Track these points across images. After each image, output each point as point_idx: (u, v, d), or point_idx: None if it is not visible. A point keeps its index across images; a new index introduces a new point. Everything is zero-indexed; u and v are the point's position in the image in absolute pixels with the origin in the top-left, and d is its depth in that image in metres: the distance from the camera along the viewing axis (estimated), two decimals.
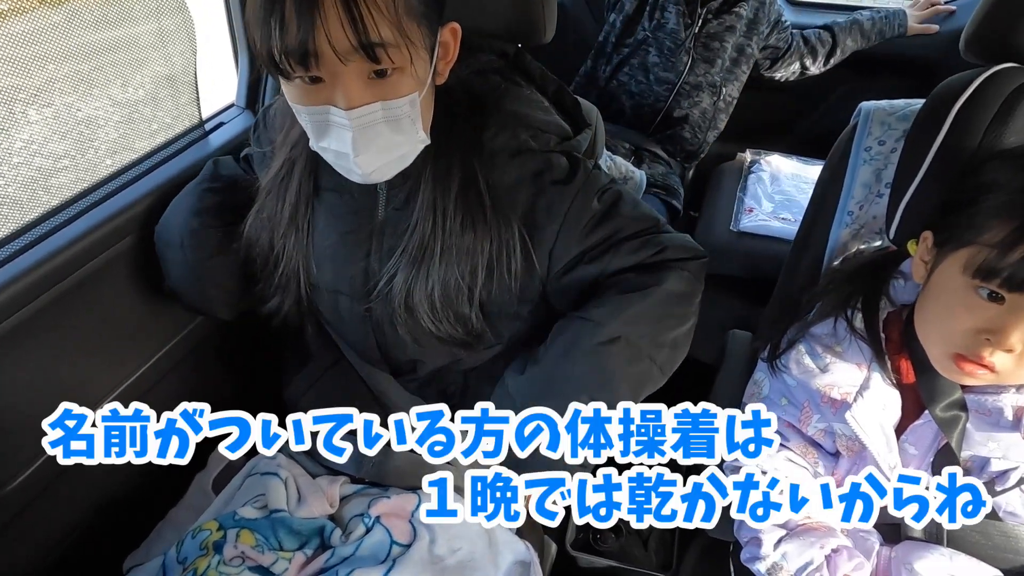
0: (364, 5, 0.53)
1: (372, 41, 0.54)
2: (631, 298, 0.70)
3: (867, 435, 0.64)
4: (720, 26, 1.36)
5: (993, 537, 0.68)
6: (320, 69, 0.56)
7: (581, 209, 0.70)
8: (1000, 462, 0.64)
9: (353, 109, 0.57)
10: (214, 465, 0.86)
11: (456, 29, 0.65)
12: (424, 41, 0.59)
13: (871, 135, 0.77)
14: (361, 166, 0.62)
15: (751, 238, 1.26)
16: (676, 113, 1.40)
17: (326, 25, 0.53)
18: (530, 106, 0.72)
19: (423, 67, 0.60)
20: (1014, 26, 0.63)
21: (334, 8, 0.53)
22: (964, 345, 0.55)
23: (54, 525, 0.80)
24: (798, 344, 0.70)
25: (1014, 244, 0.51)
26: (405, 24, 0.56)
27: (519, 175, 0.69)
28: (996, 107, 0.61)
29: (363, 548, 0.69)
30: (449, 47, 0.65)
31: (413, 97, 0.60)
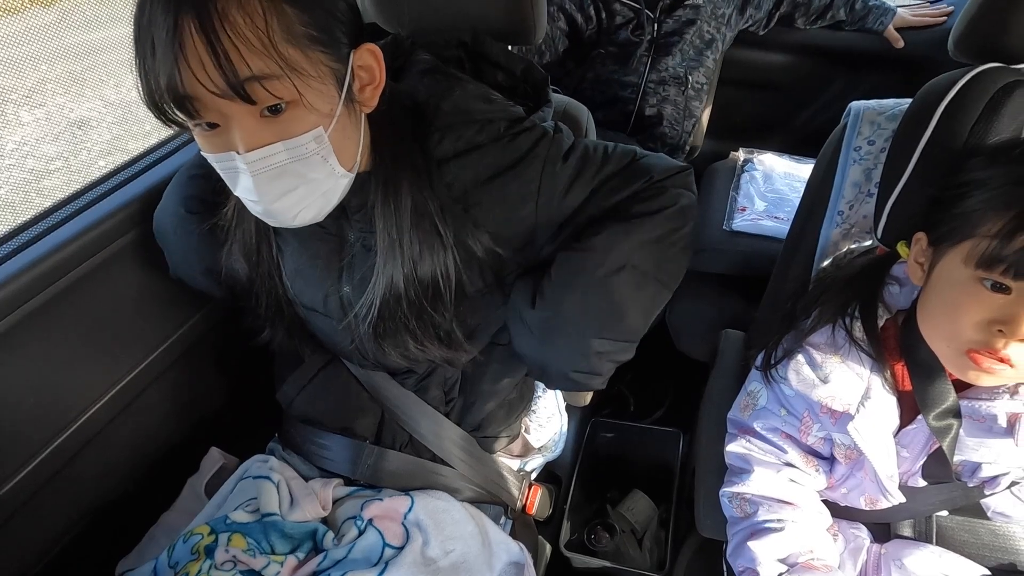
0: (228, 38, 0.48)
1: (242, 78, 0.49)
2: (631, 225, 0.67)
3: (868, 446, 0.64)
4: (676, 22, 1.34)
5: (982, 536, 0.68)
6: (206, 114, 0.52)
7: (552, 177, 0.67)
8: (991, 467, 0.64)
9: (251, 152, 0.53)
10: (207, 468, 0.86)
11: (375, 51, 0.59)
12: (320, 69, 0.54)
13: (860, 135, 0.78)
14: (274, 213, 0.58)
15: (744, 237, 1.26)
16: (648, 112, 1.39)
17: (191, 65, 0.48)
18: (471, 99, 0.68)
19: (322, 98, 0.54)
20: (1000, 27, 0.64)
21: (195, 45, 0.48)
22: (976, 339, 0.54)
23: (46, 529, 0.80)
24: (796, 354, 0.68)
25: (1015, 232, 0.51)
26: (286, 53, 0.51)
27: (474, 175, 0.66)
28: (981, 107, 0.62)
29: (355, 551, 0.69)
30: (373, 71, 0.60)
31: (318, 133, 0.55)
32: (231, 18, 0.48)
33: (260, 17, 0.49)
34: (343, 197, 0.63)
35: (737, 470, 0.74)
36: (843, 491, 0.72)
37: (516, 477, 0.87)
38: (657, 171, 0.69)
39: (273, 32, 0.50)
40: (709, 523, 0.80)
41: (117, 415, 0.84)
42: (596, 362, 0.70)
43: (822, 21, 1.49)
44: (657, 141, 1.43)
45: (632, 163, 0.70)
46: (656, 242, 0.67)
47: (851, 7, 1.46)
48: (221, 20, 0.48)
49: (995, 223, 0.53)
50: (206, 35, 0.48)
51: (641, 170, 0.69)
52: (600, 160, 0.69)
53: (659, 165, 0.70)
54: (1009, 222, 0.52)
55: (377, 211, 0.64)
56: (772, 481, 0.71)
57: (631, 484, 1.16)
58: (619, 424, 1.24)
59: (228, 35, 0.48)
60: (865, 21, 1.46)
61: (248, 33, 0.49)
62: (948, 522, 0.70)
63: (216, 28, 0.48)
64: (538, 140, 0.67)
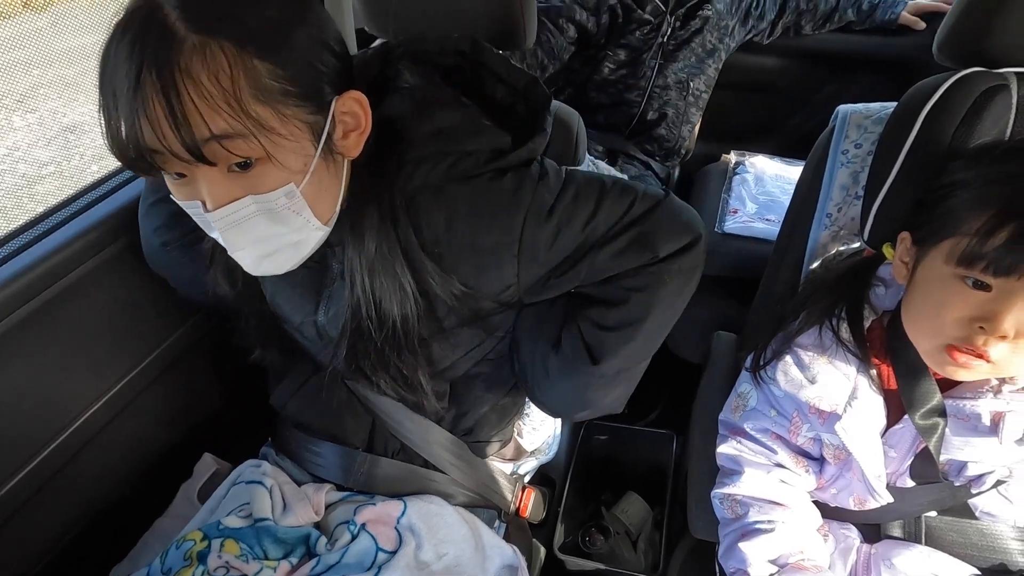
0: (189, 97, 0.45)
1: (200, 139, 0.47)
2: (629, 334, 0.65)
3: (856, 446, 0.65)
4: (687, 31, 1.35)
5: (970, 536, 0.69)
6: (170, 167, 0.50)
7: (535, 230, 0.61)
8: (977, 465, 0.65)
9: (218, 210, 0.51)
10: (200, 474, 0.86)
11: (360, 99, 0.56)
12: (294, 125, 0.51)
13: (848, 138, 0.79)
14: (244, 262, 0.57)
15: (736, 239, 1.27)
16: (650, 116, 1.40)
17: (150, 122, 0.46)
18: (453, 125, 0.61)
19: (295, 155, 0.52)
20: (982, 32, 0.64)
21: (154, 103, 0.46)
22: (956, 335, 0.55)
23: (39, 536, 0.80)
24: (784, 355, 0.69)
25: (993, 230, 0.52)
26: (253, 111, 0.48)
27: (446, 218, 0.61)
28: (964, 110, 0.62)
29: (348, 555, 0.69)
30: (359, 117, 0.56)
31: (289, 189, 0.52)
32: (194, 74, 0.46)
33: (226, 73, 0.46)
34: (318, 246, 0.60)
35: (728, 471, 0.75)
36: (833, 491, 0.72)
37: (509, 480, 0.87)
38: (663, 239, 0.62)
39: (240, 89, 0.47)
40: (701, 525, 0.81)
41: (110, 421, 0.84)
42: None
43: (830, 24, 1.47)
44: (654, 144, 1.44)
45: (631, 218, 0.62)
46: (657, 337, 0.69)
47: (858, 7, 1.45)
48: (183, 77, 0.45)
49: (975, 221, 0.53)
50: (165, 94, 0.45)
51: (644, 239, 0.62)
52: (593, 206, 0.62)
53: (666, 229, 0.63)
54: (988, 220, 0.52)
55: (346, 251, 0.61)
56: (763, 482, 0.71)
57: (625, 486, 1.16)
58: (613, 426, 1.25)
59: (189, 94, 0.46)
60: (874, 18, 1.45)
61: (212, 90, 0.46)
62: (937, 522, 0.71)
63: (176, 86, 0.45)
64: (522, 183, 0.61)
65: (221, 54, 0.46)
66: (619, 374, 0.69)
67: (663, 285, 0.64)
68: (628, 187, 0.64)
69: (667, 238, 0.63)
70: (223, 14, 0.47)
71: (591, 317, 0.67)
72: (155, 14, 0.46)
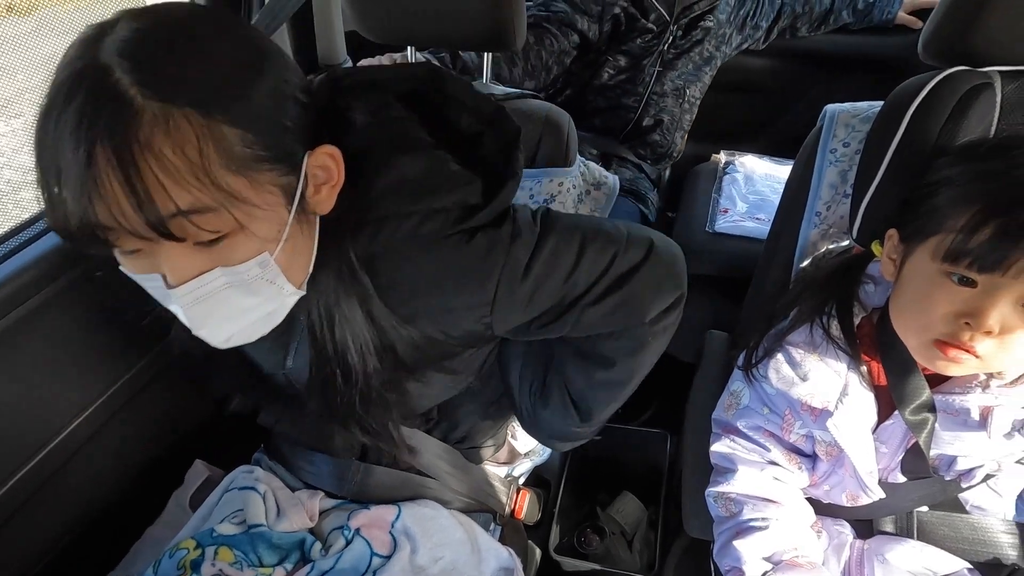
0: (152, 173, 0.40)
1: (166, 215, 0.42)
2: (615, 393, 0.68)
3: (847, 442, 0.65)
4: (688, 41, 1.36)
5: (961, 530, 0.69)
6: (126, 244, 0.45)
7: (510, 290, 0.57)
8: (966, 460, 0.65)
9: (185, 284, 0.46)
10: (191, 481, 0.86)
11: (333, 153, 0.51)
12: (267, 191, 0.46)
13: (836, 137, 0.79)
14: (210, 339, 0.52)
15: (726, 239, 1.28)
16: (646, 122, 1.41)
17: (108, 199, 0.41)
18: (417, 176, 0.55)
19: (269, 223, 0.47)
20: (966, 31, 0.65)
21: (110, 181, 0.40)
22: (943, 331, 0.56)
23: (29, 547, 0.79)
24: (776, 353, 0.70)
25: (978, 226, 0.53)
26: (224, 182, 0.43)
27: (413, 280, 0.57)
28: (949, 109, 0.63)
29: (343, 561, 0.68)
30: (331, 171, 0.51)
31: (263, 259, 0.48)
32: (156, 148, 0.40)
33: (193, 145, 0.41)
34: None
35: (722, 470, 0.75)
36: (826, 488, 0.73)
37: (504, 483, 0.87)
38: (647, 300, 0.61)
39: (209, 161, 0.42)
40: (696, 523, 0.81)
41: (99, 429, 0.83)
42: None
43: (826, 27, 1.48)
44: (647, 148, 1.45)
45: (613, 275, 0.59)
46: (636, 382, 0.70)
47: (854, 8, 1.46)
48: (143, 151, 0.40)
49: (960, 218, 0.54)
50: (124, 171, 0.40)
51: (628, 302, 0.60)
52: (573, 260, 0.58)
53: (651, 288, 0.60)
54: (973, 216, 0.53)
55: (308, 304, 0.57)
56: (756, 480, 0.71)
57: (620, 486, 1.16)
58: (607, 426, 1.24)
59: (152, 170, 0.40)
60: (871, 17, 1.46)
61: (178, 164, 0.41)
62: (928, 517, 0.71)
63: (137, 163, 0.40)
64: (494, 245, 0.56)
65: (186, 123, 0.41)
66: (603, 418, 0.73)
67: (648, 346, 0.64)
68: (612, 238, 0.60)
69: (654, 301, 0.61)
70: (182, 77, 0.42)
71: (577, 376, 0.69)
72: (105, 79, 0.40)
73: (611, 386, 0.68)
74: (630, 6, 1.32)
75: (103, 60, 0.41)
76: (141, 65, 0.41)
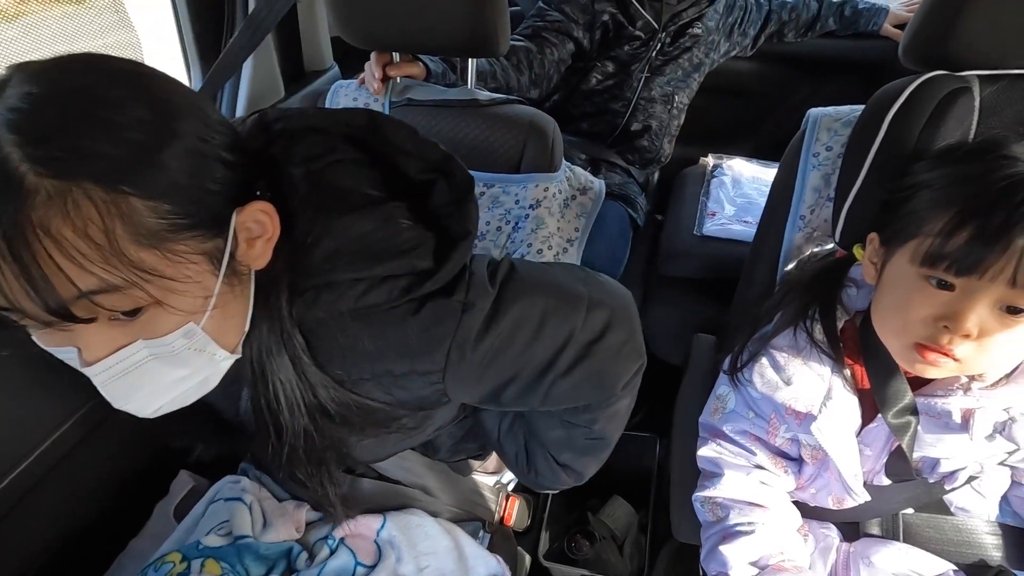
0: (48, 258, 0.37)
1: (68, 298, 0.38)
2: (600, 450, 0.71)
3: (831, 446, 0.65)
4: (677, 48, 1.37)
5: (946, 532, 0.70)
6: (32, 322, 0.41)
7: (462, 359, 0.53)
8: (949, 462, 0.65)
9: (101, 360, 0.42)
10: (176, 492, 0.85)
11: (267, 209, 0.46)
12: (186, 261, 0.42)
13: (819, 141, 0.80)
14: (138, 412, 0.48)
15: (714, 241, 1.28)
16: (634, 127, 1.42)
17: (4, 287, 0.38)
18: (362, 238, 0.50)
19: (190, 295, 0.43)
20: (945, 35, 0.66)
21: (2, 266, 0.37)
22: (922, 334, 0.56)
23: (9, 560, 0.78)
24: (760, 357, 0.70)
25: (954, 230, 0.53)
26: (135, 258, 0.39)
27: (353, 349, 0.52)
28: (928, 112, 0.64)
29: (327, 570, 0.68)
30: (265, 225, 0.47)
31: (188, 329, 0.44)
32: (53, 231, 0.36)
33: (97, 224, 0.37)
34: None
35: (709, 474, 0.75)
36: (812, 491, 0.73)
37: (492, 491, 0.87)
38: (616, 381, 0.61)
39: (116, 239, 0.38)
40: (684, 528, 0.81)
41: (82, 439, 0.82)
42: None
43: (812, 33, 1.50)
44: (635, 154, 1.46)
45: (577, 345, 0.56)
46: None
47: (840, 15, 1.48)
48: (38, 235, 0.36)
49: (938, 222, 0.54)
50: (17, 258, 0.36)
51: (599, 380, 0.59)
52: (532, 333, 0.55)
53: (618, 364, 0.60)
54: (950, 220, 0.53)
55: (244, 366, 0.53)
56: (742, 484, 0.71)
57: (611, 490, 1.16)
58: None
59: (49, 255, 0.36)
60: (857, 25, 1.48)
61: (79, 246, 0.37)
62: (914, 519, 0.71)
63: (31, 247, 0.36)
64: (443, 318, 0.52)
65: (87, 201, 0.37)
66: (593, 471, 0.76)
67: (620, 406, 0.67)
68: (574, 306, 0.57)
69: (620, 375, 0.61)
70: (80, 148, 0.37)
71: (561, 449, 0.71)
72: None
73: (595, 449, 0.72)
74: (618, 13, 1.33)
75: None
76: (32, 139, 0.36)
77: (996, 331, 0.53)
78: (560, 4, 1.32)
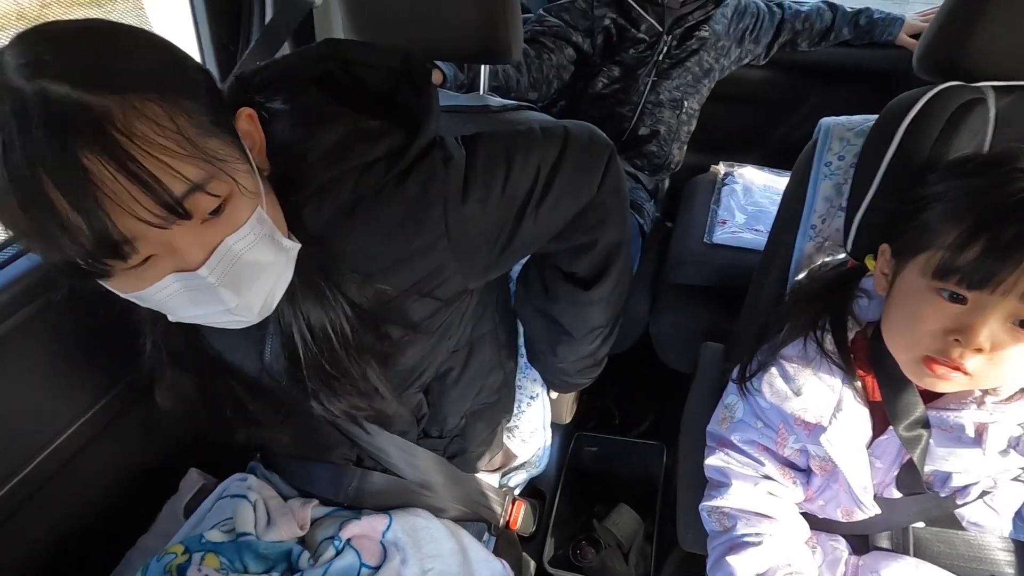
0: (151, 159, 0.41)
1: (180, 195, 0.43)
2: (615, 256, 0.75)
3: (841, 458, 0.64)
4: (684, 51, 1.37)
5: (957, 547, 0.69)
6: (144, 249, 0.45)
7: (457, 215, 0.60)
8: (962, 476, 0.64)
9: (204, 264, 0.47)
10: (186, 490, 0.86)
11: (250, 114, 0.54)
12: (233, 148, 0.48)
13: (831, 150, 0.79)
14: (245, 312, 0.52)
15: (724, 250, 1.27)
16: (641, 131, 1.42)
17: (121, 203, 0.41)
18: (339, 139, 0.57)
19: (248, 177, 0.49)
20: (959, 46, 0.65)
21: (116, 181, 0.40)
22: (933, 347, 0.55)
23: (21, 555, 0.79)
24: (770, 367, 0.69)
25: (966, 243, 0.52)
26: (207, 148, 0.45)
27: (365, 244, 0.59)
28: (942, 123, 0.63)
29: (332, 571, 0.68)
30: (253, 136, 0.54)
31: (259, 213, 0.50)
32: (140, 134, 0.41)
33: (167, 123, 0.42)
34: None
35: (716, 484, 0.75)
36: (820, 503, 0.72)
37: (498, 494, 0.87)
38: (590, 176, 0.67)
39: (186, 132, 0.43)
40: (691, 537, 0.80)
41: (94, 437, 0.83)
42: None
43: (826, 43, 1.48)
44: (644, 159, 1.46)
45: (547, 166, 0.64)
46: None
47: (855, 24, 1.46)
48: (133, 142, 0.40)
49: (950, 234, 0.54)
50: (121, 164, 0.40)
51: (574, 183, 0.66)
52: (505, 168, 0.62)
53: (584, 161, 0.66)
54: (962, 233, 0.53)
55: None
56: (750, 494, 0.71)
57: (616, 498, 1.16)
58: (603, 438, 1.24)
59: (148, 153, 0.41)
60: (872, 35, 1.46)
61: (165, 142, 0.42)
62: (924, 533, 0.71)
63: (132, 154, 0.40)
64: (430, 178, 0.59)
65: (150, 104, 0.42)
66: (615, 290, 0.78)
67: (612, 208, 0.71)
68: (530, 138, 0.65)
69: (592, 170, 0.67)
70: (119, 69, 0.42)
71: (569, 272, 0.75)
72: (46, 97, 0.39)
73: (611, 256, 0.75)
74: (619, 18, 1.33)
75: (28, 83, 0.39)
76: (75, 75, 0.40)
77: (1008, 345, 0.53)
78: (559, 12, 1.33)
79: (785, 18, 1.46)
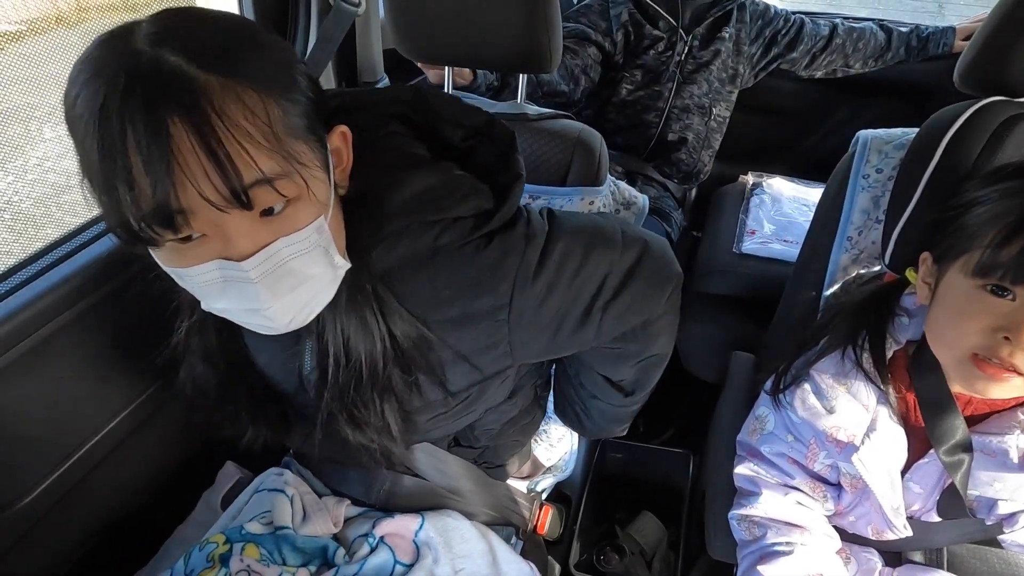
0: (233, 141, 0.42)
1: (248, 183, 0.43)
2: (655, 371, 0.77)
3: (872, 477, 0.64)
4: (707, 53, 1.37)
5: (993, 564, 0.68)
6: (197, 226, 0.45)
7: (524, 292, 0.58)
8: (1008, 504, 0.63)
9: (250, 258, 0.47)
10: (223, 482, 0.87)
11: (345, 132, 0.54)
12: (316, 156, 0.48)
13: (869, 163, 0.79)
14: (275, 317, 0.51)
15: (753, 260, 1.27)
16: (670, 137, 1.42)
17: (189, 175, 0.42)
18: (430, 189, 0.56)
19: (322, 187, 0.49)
20: (1003, 62, 0.65)
21: (193, 153, 0.41)
22: (981, 345, 0.54)
23: (63, 542, 0.81)
24: (803, 382, 0.69)
25: (1008, 239, 0.52)
26: (291, 147, 0.45)
27: (433, 291, 0.57)
28: (985, 138, 0.63)
29: (367, 567, 0.69)
30: (342, 153, 0.54)
31: (319, 223, 0.49)
32: (230, 115, 0.42)
33: (261, 114, 0.43)
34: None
35: (746, 492, 0.75)
36: (851, 519, 0.72)
37: (527, 499, 0.88)
38: (654, 301, 0.66)
39: (276, 126, 0.44)
40: (720, 545, 0.80)
41: (134, 430, 0.85)
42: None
43: (881, 63, 1.45)
44: (673, 167, 1.46)
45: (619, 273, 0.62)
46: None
47: (907, 44, 1.42)
48: (221, 121, 0.41)
49: (989, 234, 0.54)
50: (203, 139, 0.41)
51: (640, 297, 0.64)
52: (579, 260, 0.61)
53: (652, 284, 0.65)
54: (1002, 230, 0.53)
55: (327, 329, 0.58)
56: (780, 504, 0.71)
57: (640, 505, 1.16)
58: (629, 444, 1.24)
59: (232, 135, 0.42)
60: (927, 51, 1.42)
61: (251, 130, 0.43)
62: (960, 549, 0.70)
63: (215, 129, 0.41)
64: (509, 250, 0.58)
65: (250, 93, 0.43)
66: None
67: (668, 325, 0.72)
68: (611, 239, 0.63)
69: (662, 287, 0.67)
70: (234, 55, 0.44)
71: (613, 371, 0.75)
72: (159, 62, 0.41)
73: (651, 367, 0.75)
74: (636, 12, 1.35)
75: (150, 49, 0.42)
76: (191, 50, 0.42)
77: None
78: (578, 16, 1.36)
79: (838, 32, 1.43)
